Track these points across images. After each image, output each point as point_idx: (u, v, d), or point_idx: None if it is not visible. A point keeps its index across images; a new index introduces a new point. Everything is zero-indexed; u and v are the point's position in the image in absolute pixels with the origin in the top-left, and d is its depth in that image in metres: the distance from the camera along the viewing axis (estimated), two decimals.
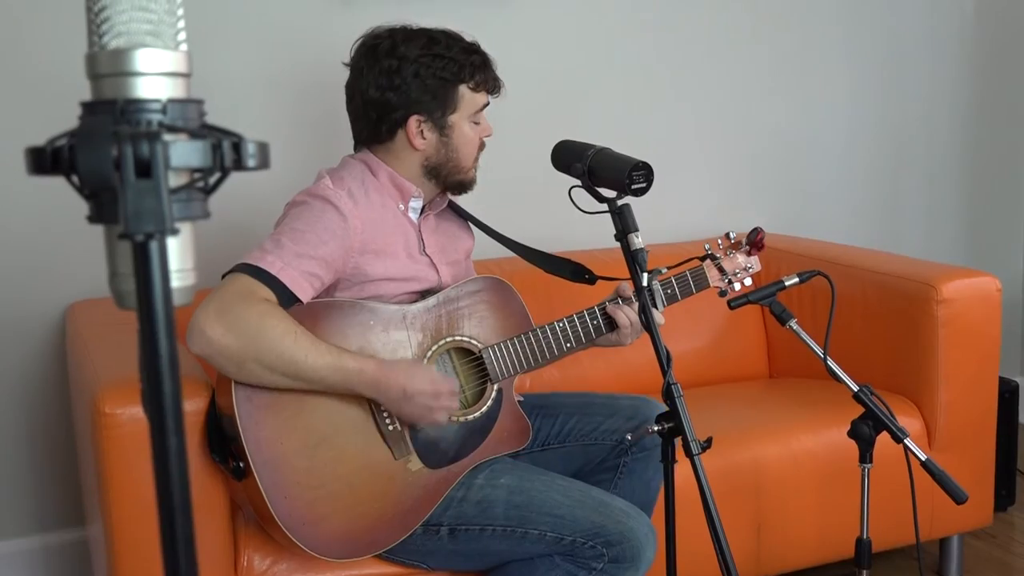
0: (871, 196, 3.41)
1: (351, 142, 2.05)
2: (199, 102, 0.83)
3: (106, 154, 0.70)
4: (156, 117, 0.78)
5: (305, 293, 1.78)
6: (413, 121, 1.93)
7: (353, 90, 1.99)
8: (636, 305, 1.95)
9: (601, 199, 1.76)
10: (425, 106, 1.93)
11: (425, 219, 2.02)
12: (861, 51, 3.30)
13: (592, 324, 1.99)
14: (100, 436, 1.76)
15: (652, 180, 1.73)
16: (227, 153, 0.77)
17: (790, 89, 3.23)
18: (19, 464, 2.54)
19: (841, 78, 3.29)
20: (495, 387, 1.96)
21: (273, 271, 1.75)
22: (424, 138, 1.95)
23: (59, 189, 0.81)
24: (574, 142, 1.87)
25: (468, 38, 1.99)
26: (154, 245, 0.71)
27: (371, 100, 1.94)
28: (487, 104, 2.01)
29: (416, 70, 1.91)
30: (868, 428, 1.89)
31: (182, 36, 0.82)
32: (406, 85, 1.91)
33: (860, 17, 3.28)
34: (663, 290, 2.02)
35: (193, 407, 1.79)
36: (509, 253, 2.18)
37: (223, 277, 1.77)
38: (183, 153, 0.75)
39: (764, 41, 3.16)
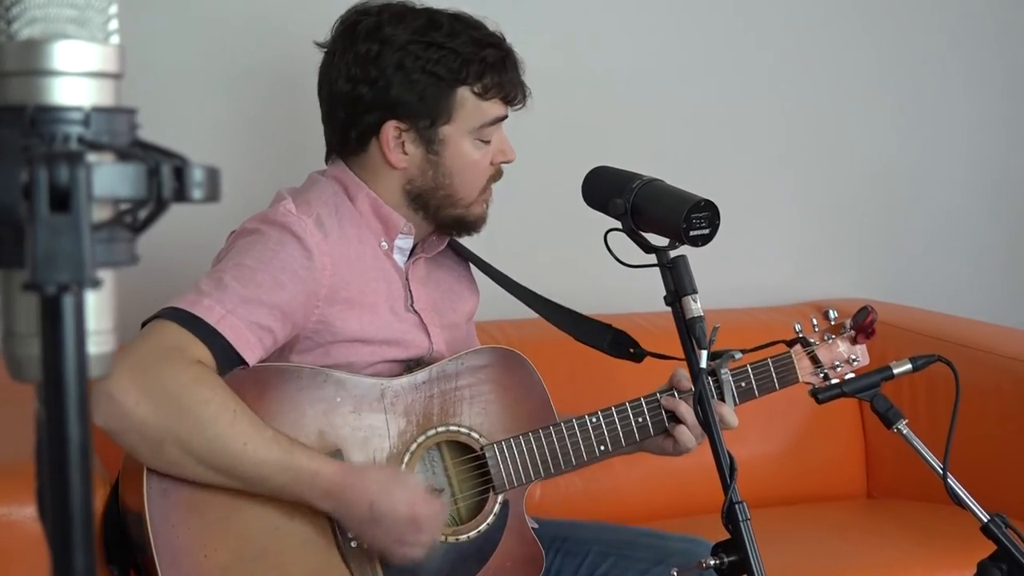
0: (997, 258, 3.42)
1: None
2: (131, 112, 0.85)
3: (13, 179, 0.72)
4: (76, 130, 0.80)
5: (252, 352, 1.77)
6: (390, 128, 1.91)
7: (322, 79, 1.99)
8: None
9: (648, 248, 1.78)
10: (407, 109, 1.90)
11: (414, 264, 2.02)
12: (986, 78, 3.34)
13: (637, 423, 1.97)
14: None
15: (717, 225, 1.74)
16: (166, 180, 0.79)
17: (894, 120, 3.27)
18: None
19: (960, 109, 3.33)
20: (499, 498, 1.95)
21: (211, 320, 1.74)
22: (405, 153, 1.93)
23: None
24: (614, 170, 1.88)
25: (491, 27, 1.97)
26: (69, 300, 0.72)
27: (340, 94, 1.93)
28: (503, 117, 1.98)
29: (400, 60, 1.89)
30: (1000, 572, 1.88)
31: (114, 25, 0.84)
32: (384, 79, 1.89)
33: (985, 36, 3.33)
34: (736, 382, 1.99)
35: None
36: (522, 312, 2.18)
37: (143, 325, 1.76)
38: (110, 179, 0.77)
39: (862, 60, 3.20)
